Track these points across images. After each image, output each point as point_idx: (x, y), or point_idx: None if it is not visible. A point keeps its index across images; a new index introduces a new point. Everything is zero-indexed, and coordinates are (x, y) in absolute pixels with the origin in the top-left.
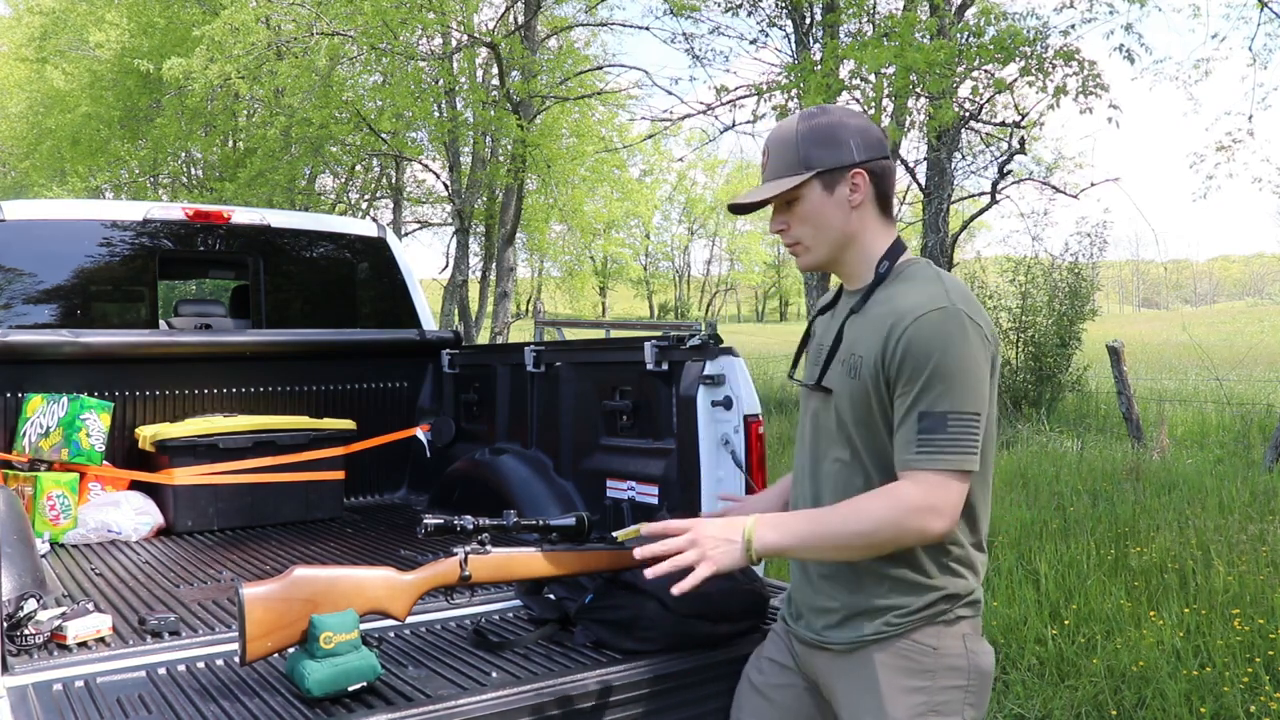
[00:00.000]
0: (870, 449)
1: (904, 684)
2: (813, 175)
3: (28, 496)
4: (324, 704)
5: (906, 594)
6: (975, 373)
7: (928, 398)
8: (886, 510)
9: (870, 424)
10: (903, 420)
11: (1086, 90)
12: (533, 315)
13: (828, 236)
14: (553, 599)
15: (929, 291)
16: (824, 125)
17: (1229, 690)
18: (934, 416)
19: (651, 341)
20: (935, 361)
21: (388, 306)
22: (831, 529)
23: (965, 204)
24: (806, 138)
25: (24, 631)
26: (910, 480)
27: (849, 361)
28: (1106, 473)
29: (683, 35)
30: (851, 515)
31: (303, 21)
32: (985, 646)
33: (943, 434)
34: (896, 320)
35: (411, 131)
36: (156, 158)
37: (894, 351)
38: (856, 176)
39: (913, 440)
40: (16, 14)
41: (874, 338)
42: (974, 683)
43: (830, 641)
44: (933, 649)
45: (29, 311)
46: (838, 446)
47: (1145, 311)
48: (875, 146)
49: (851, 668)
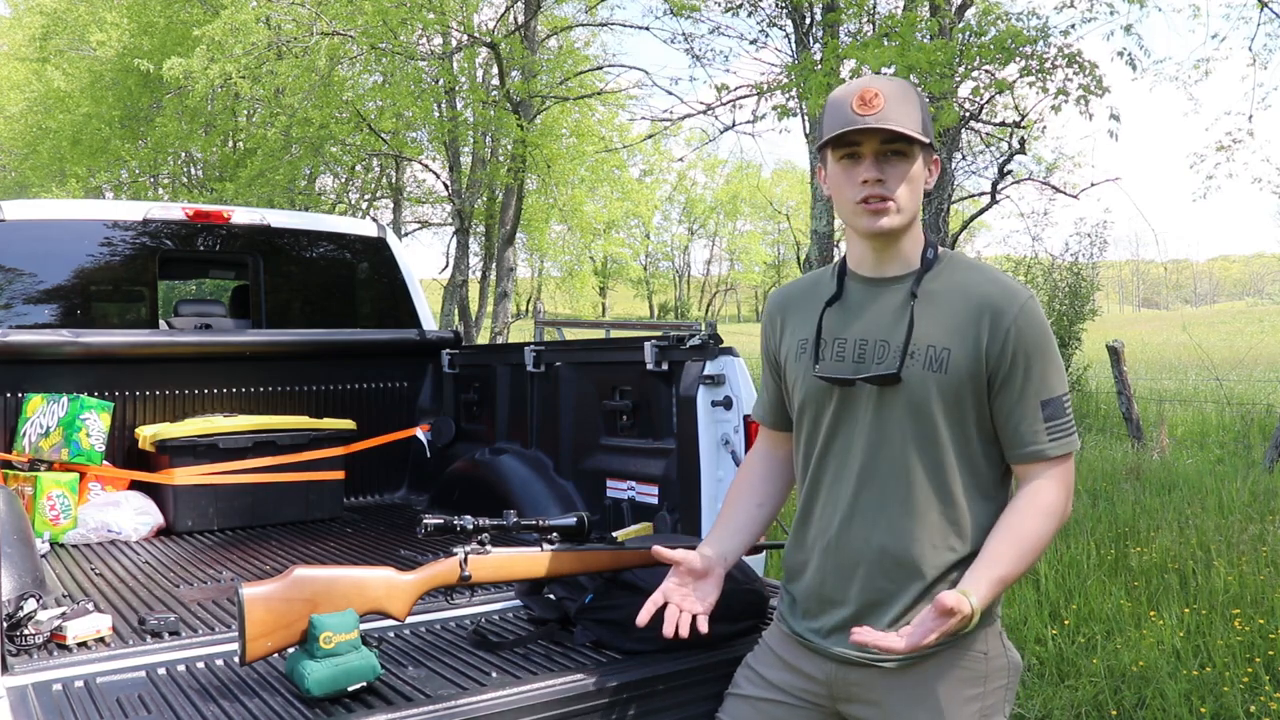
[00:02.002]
0: (958, 444)
1: (963, 694)
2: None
3: (28, 496)
4: (324, 704)
5: None
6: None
7: (1044, 384)
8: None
9: (961, 418)
10: (1020, 410)
11: (1088, 93)
12: (533, 315)
13: (915, 205)
14: (553, 599)
15: (1005, 280)
16: (924, 104)
17: (1229, 690)
18: (1054, 402)
19: (651, 341)
20: (1044, 347)
21: (388, 306)
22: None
23: (965, 204)
24: (924, 108)
25: (24, 631)
26: (1044, 476)
27: (927, 354)
28: (1106, 473)
29: (683, 35)
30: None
31: (303, 21)
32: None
33: (1063, 417)
34: (996, 310)
35: (411, 131)
36: (156, 158)
37: (1004, 341)
38: (936, 161)
39: (1041, 429)
40: (16, 14)
41: (964, 327)
42: (1013, 678)
43: (885, 659)
44: (984, 654)
45: (29, 311)
46: (914, 443)
47: (1145, 311)
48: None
49: (907, 683)
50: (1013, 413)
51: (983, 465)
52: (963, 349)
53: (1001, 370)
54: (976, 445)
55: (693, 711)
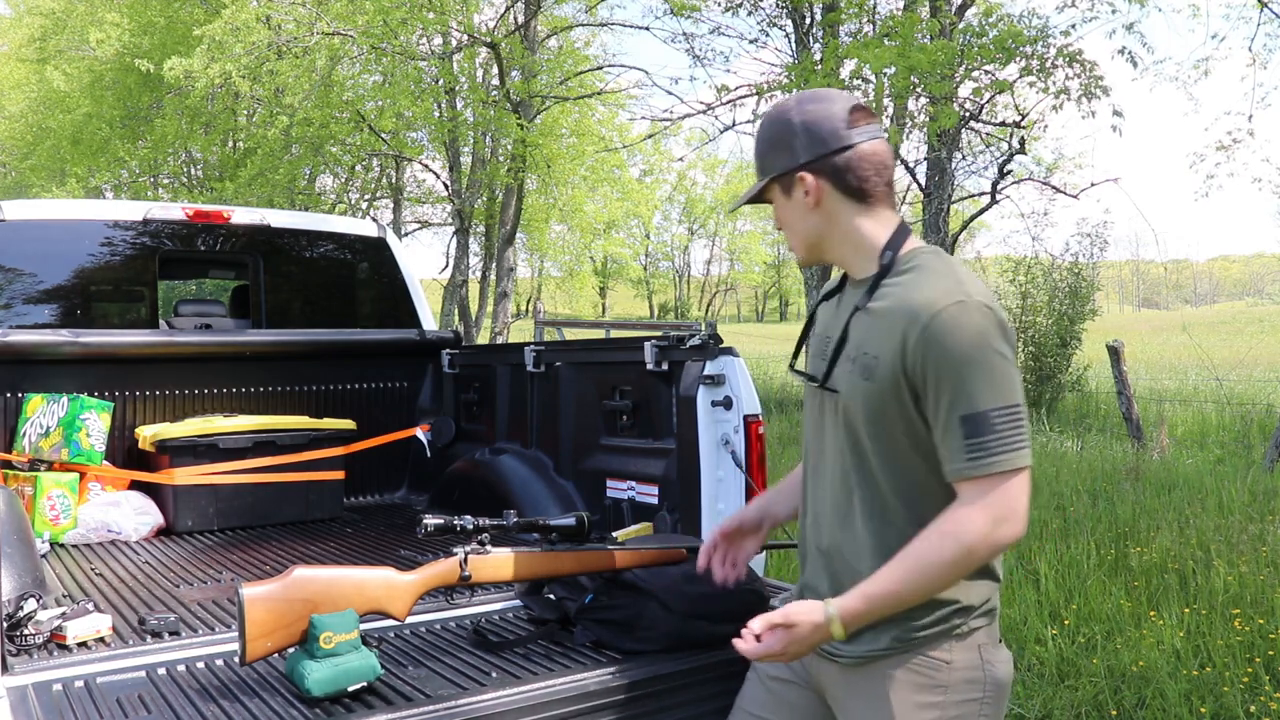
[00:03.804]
0: (882, 457)
1: (916, 700)
2: (770, 180)
3: (28, 496)
4: (324, 704)
5: (919, 607)
6: (1004, 368)
7: (964, 399)
8: (954, 547)
9: (886, 431)
10: (943, 428)
11: (1088, 93)
12: (533, 315)
13: (800, 236)
14: (553, 599)
15: (943, 284)
16: (772, 124)
17: (1229, 690)
18: (976, 418)
19: (651, 341)
20: (964, 358)
21: (388, 306)
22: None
23: (965, 204)
24: (761, 140)
25: (24, 631)
26: (967, 499)
27: (860, 361)
28: (1106, 473)
29: (683, 35)
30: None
31: (303, 21)
32: (1003, 654)
33: (990, 434)
34: (913, 317)
35: (411, 131)
36: (156, 158)
37: (916, 351)
38: (804, 179)
39: (960, 448)
40: (17, 14)
41: (889, 336)
42: (990, 694)
43: (840, 654)
44: (946, 663)
45: (29, 311)
46: (843, 451)
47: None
48: (822, 142)
49: (862, 682)
50: (934, 429)
51: (921, 480)
52: (887, 358)
53: (918, 383)
54: (913, 458)
55: (693, 711)
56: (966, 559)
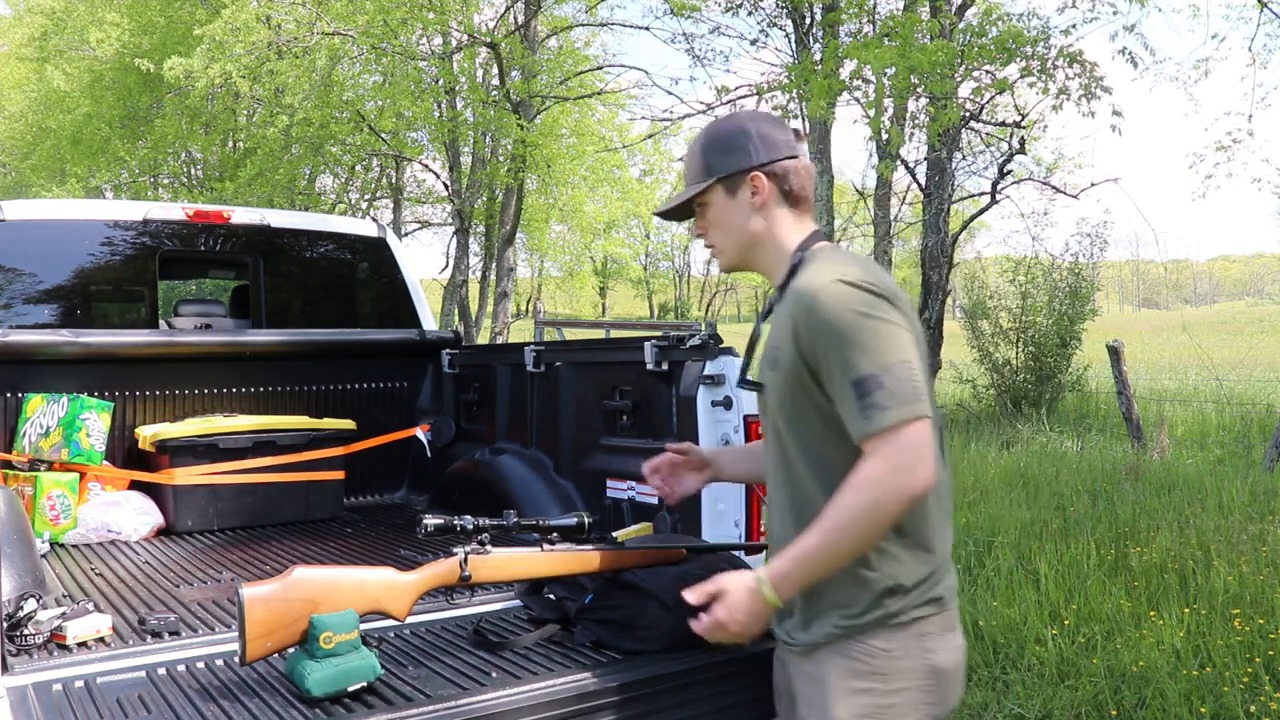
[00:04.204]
0: (795, 438)
1: (851, 685)
2: (715, 181)
3: (28, 496)
4: (324, 704)
5: (852, 589)
6: (891, 329)
7: (852, 366)
8: (861, 498)
9: (795, 413)
10: (840, 398)
11: (1089, 93)
12: (533, 315)
13: (737, 238)
14: (553, 599)
15: (827, 270)
16: (724, 132)
17: (1229, 690)
18: (864, 380)
19: (651, 341)
20: (844, 329)
21: (388, 306)
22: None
23: (965, 204)
24: (708, 146)
25: (24, 631)
26: (869, 453)
27: (770, 355)
28: (1106, 473)
29: (683, 35)
30: (834, 524)
31: (303, 21)
32: (951, 642)
33: (880, 391)
34: (799, 301)
35: (411, 131)
36: (156, 158)
37: (804, 333)
38: (756, 179)
39: (856, 411)
40: (17, 14)
41: (786, 325)
42: (929, 683)
43: (794, 642)
44: (884, 651)
45: (29, 311)
46: (771, 439)
47: (1145, 311)
48: (776, 148)
49: (808, 666)
50: (835, 401)
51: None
52: (786, 345)
53: (813, 363)
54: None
55: (693, 711)
56: (875, 509)
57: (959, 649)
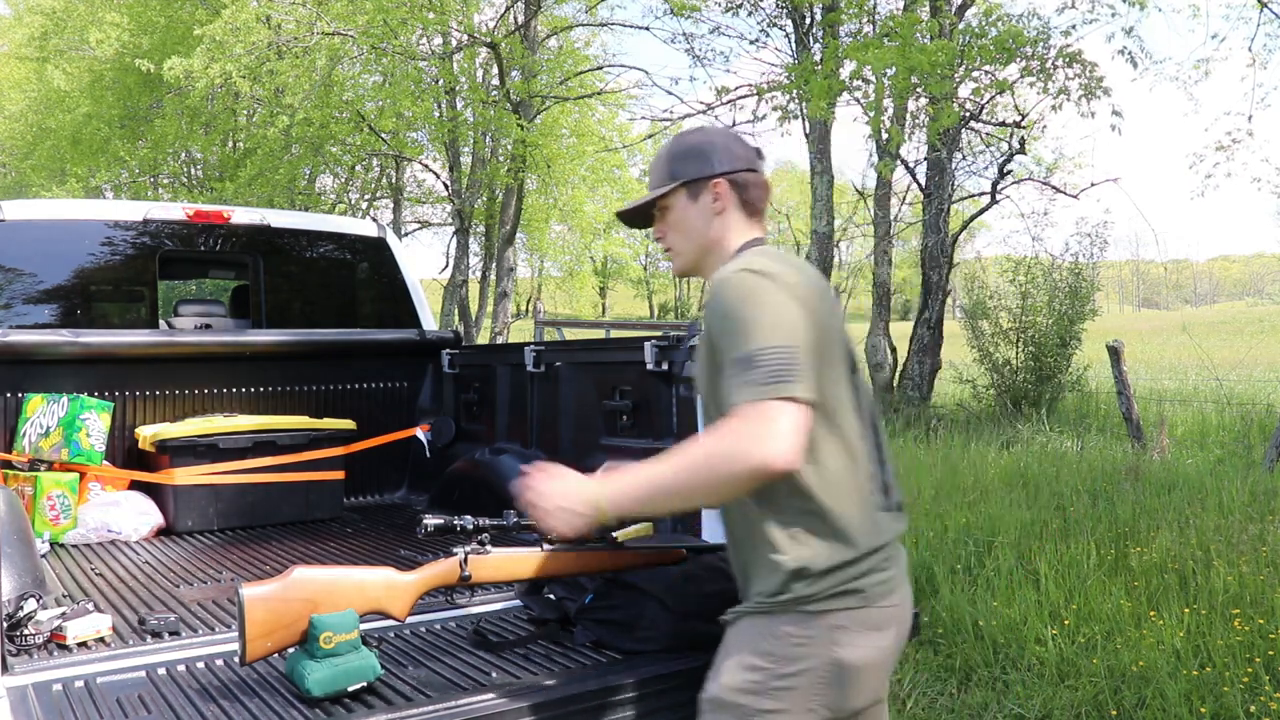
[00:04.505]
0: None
1: (746, 659)
2: (679, 185)
3: (28, 496)
4: (324, 704)
5: (766, 572)
6: (779, 313)
7: (736, 345)
8: (703, 448)
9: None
10: (725, 378)
11: (1088, 93)
12: (533, 315)
13: (694, 241)
14: (553, 599)
15: (738, 262)
16: (692, 142)
17: (1229, 690)
18: (746, 358)
19: (651, 341)
20: (734, 310)
21: (388, 306)
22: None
23: (965, 204)
24: (675, 154)
25: (24, 631)
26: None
27: (697, 349)
28: (1106, 473)
29: (683, 35)
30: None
31: (303, 21)
32: (868, 641)
33: (755, 369)
34: (709, 292)
35: (411, 131)
36: (156, 158)
37: (708, 319)
38: (718, 186)
39: (735, 385)
40: (17, 14)
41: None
42: (828, 675)
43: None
44: (788, 634)
45: (29, 311)
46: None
47: (1145, 311)
48: (739, 160)
49: (727, 634)
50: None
51: None
52: (703, 336)
53: (716, 346)
54: None
55: (692, 711)
56: (712, 463)
57: (879, 649)
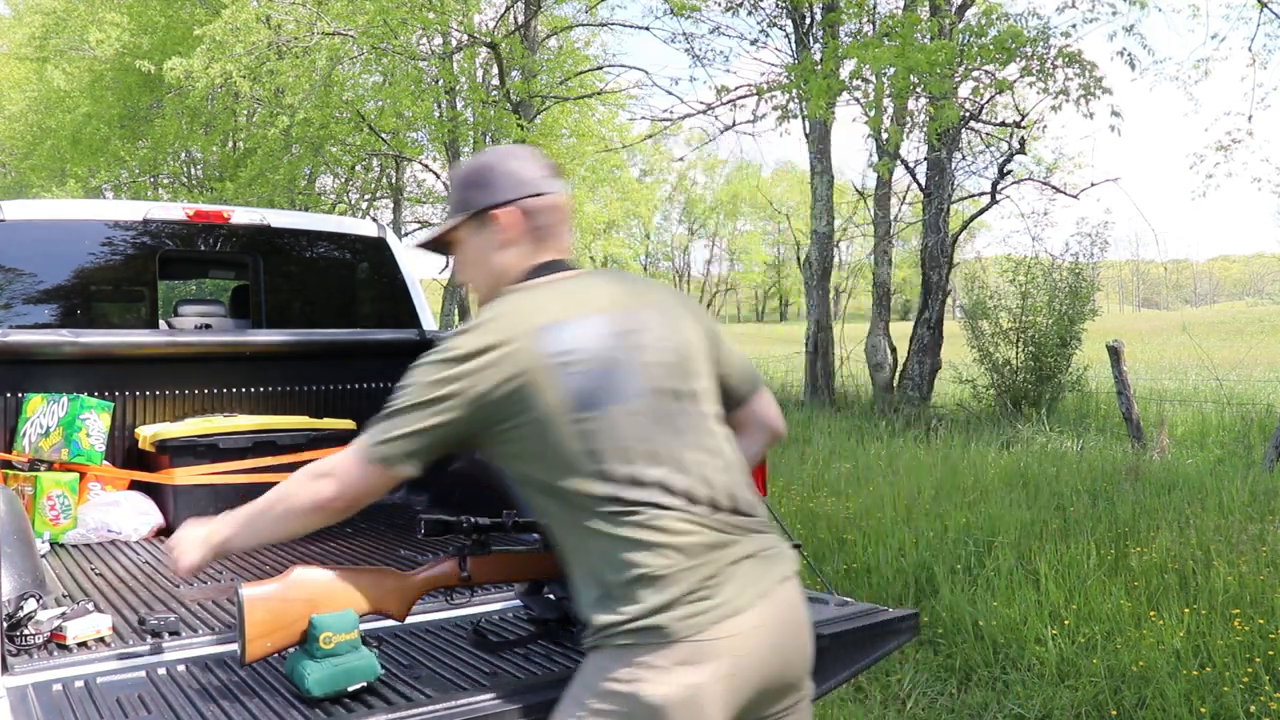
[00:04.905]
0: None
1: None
2: (467, 217)
3: (28, 496)
4: (324, 704)
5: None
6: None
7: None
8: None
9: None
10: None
11: (1088, 93)
12: None
13: (484, 273)
14: (553, 599)
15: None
16: (478, 168)
17: (1229, 690)
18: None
19: None
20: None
21: (388, 306)
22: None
23: (965, 204)
24: (463, 182)
25: (24, 631)
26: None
27: None
28: (1106, 473)
29: (683, 35)
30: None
31: (303, 21)
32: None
33: (375, 424)
34: None
35: (411, 131)
36: (156, 158)
37: None
38: (498, 216)
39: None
40: (17, 14)
41: None
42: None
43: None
44: (603, 669)
45: (29, 311)
46: None
47: (1145, 311)
48: (527, 185)
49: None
50: None
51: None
52: None
53: None
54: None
55: None
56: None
57: (692, 686)
